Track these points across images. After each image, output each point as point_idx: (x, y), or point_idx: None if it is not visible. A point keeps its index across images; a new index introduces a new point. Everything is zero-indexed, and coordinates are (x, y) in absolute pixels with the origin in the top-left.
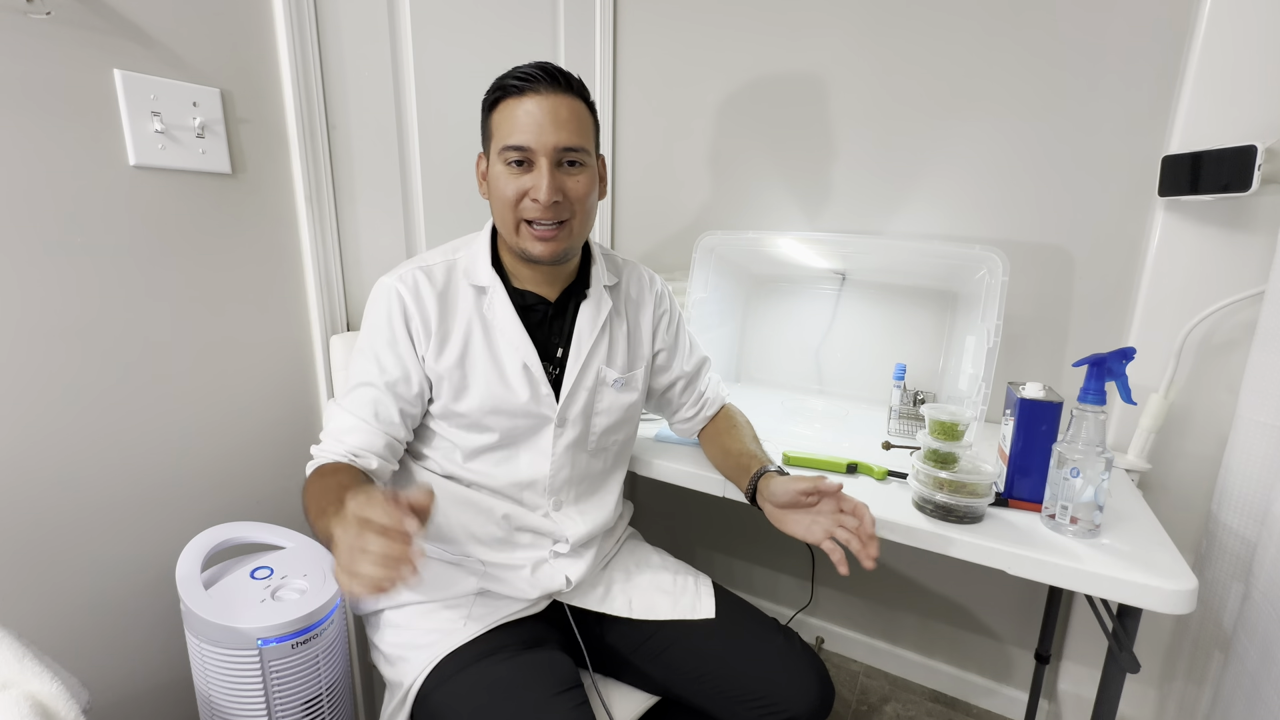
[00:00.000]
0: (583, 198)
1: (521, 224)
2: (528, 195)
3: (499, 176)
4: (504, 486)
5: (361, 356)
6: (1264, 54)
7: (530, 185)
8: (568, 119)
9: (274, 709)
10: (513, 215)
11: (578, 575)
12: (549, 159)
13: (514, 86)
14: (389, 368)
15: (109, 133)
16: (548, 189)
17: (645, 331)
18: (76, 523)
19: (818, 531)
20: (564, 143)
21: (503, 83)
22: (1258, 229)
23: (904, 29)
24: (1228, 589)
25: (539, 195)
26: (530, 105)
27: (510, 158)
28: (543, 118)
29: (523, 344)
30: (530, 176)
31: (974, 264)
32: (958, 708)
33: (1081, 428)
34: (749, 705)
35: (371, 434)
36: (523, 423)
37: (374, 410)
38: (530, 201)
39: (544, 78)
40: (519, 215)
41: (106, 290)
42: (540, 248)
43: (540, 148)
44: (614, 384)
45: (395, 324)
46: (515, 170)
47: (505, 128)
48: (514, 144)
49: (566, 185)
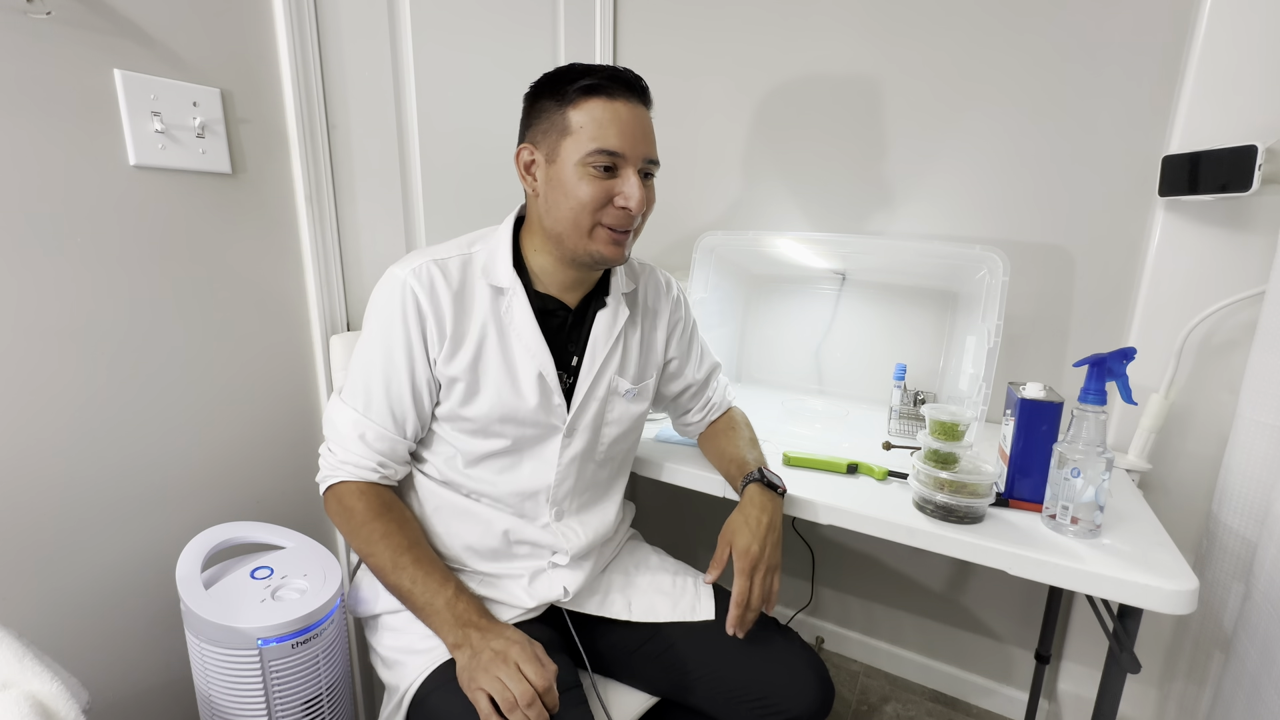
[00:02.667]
0: (651, 206)
1: (597, 228)
2: (613, 201)
3: (578, 177)
4: (505, 495)
5: (370, 352)
6: (1264, 54)
7: (618, 191)
8: (651, 131)
9: (274, 709)
10: (590, 218)
11: (575, 585)
12: (637, 169)
13: (602, 86)
14: (403, 370)
15: (109, 133)
16: (640, 199)
17: (660, 339)
18: (76, 523)
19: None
20: (652, 155)
21: (586, 82)
22: (1258, 229)
23: (904, 30)
24: (1228, 589)
25: (629, 203)
26: (624, 111)
27: (600, 162)
28: (635, 126)
29: (540, 351)
30: (617, 182)
31: (974, 264)
32: (958, 708)
33: (1082, 428)
34: (749, 705)
35: (394, 441)
36: (531, 431)
37: (391, 414)
38: (618, 208)
39: (633, 84)
40: (597, 219)
41: (106, 290)
42: (615, 251)
43: (635, 157)
44: (625, 394)
45: (410, 322)
46: (600, 174)
47: (595, 129)
48: (609, 148)
49: (646, 195)
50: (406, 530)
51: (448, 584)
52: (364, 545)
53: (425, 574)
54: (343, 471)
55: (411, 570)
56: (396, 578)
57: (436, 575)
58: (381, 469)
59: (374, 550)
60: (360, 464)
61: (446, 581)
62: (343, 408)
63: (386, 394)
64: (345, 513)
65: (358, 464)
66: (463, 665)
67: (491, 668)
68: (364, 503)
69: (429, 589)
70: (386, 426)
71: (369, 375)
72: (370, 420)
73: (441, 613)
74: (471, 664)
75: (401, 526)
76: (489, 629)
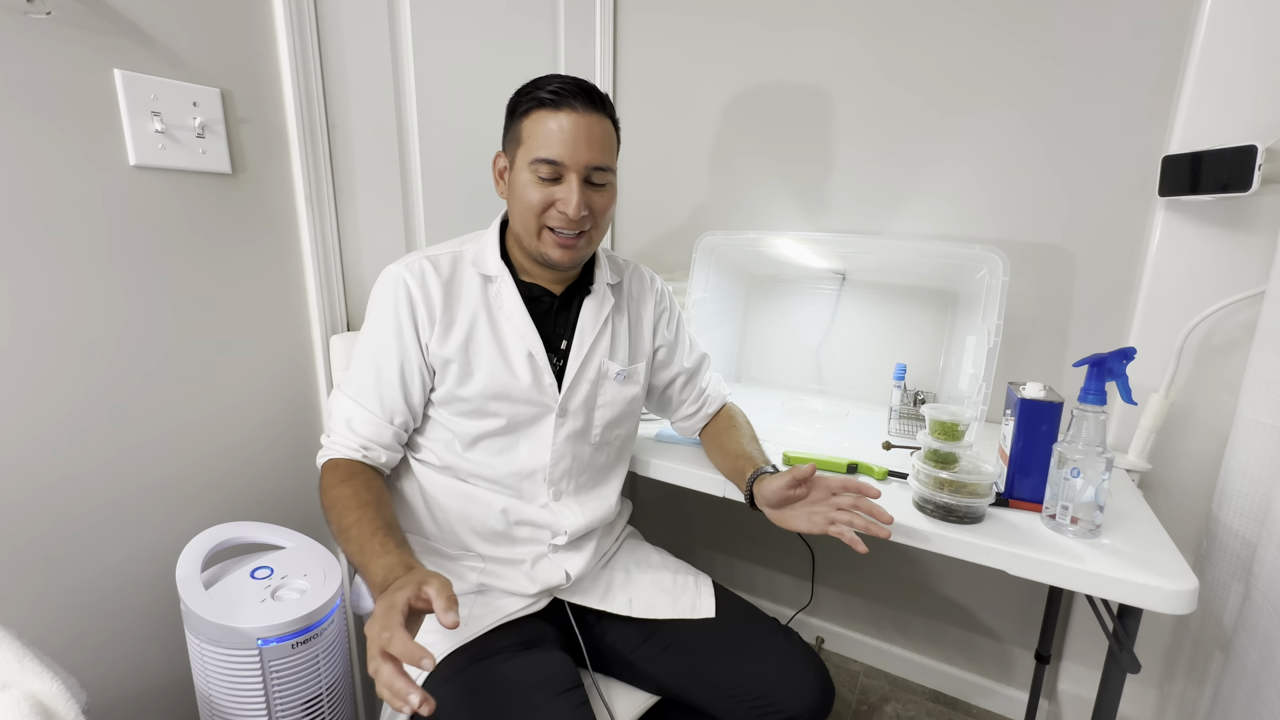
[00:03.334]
0: (604, 212)
1: (544, 230)
2: (554, 206)
3: (526, 183)
4: (503, 476)
5: (366, 344)
6: (1264, 54)
7: (558, 197)
8: (600, 139)
9: (274, 709)
10: (536, 221)
11: (577, 570)
12: (579, 175)
13: (549, 99)
14: (393, 356)
15: (109, 133)
16: (576, 204)
17: (646, 326)
18: (76, 523)
19: (820, 521)
20: (595, 161)
21: (538, 94)
22: (1258, 229)
23: (905, 29)
24: (1228, 589)
25: (567, 209)
26: (565, 121)
27: (541, 171)
28: (577, 135)
29: (528, 332)
30: (559, 189)
31: (974, 264)
32: (958, 708)
33: (1082, 428)
34: (749, 705)
35: (379, 425)
36: (525, 410)
37: (379, 400)
38: (557, 212)
39: (580, 95)
40: (542, 222)
41: (106, 290)
42: (561, 255)
43: (573, 164)
44: (616, 376)
45: (401, 312)
46: (544, 180)
47: (538, 139)
48: (546, 157)
49: (592, 200)
50: (365, 494)
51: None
52: (328, 514)
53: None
54: (330, 453)
55: (354, 530)
56: (343, 540)
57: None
58: (364, 450)
59: (331, 517)
60: (346, 444)
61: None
62: (339, 396)
63: (376, 380)
64: (321, 489)
65: (343, 446)
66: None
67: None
68: (333, 472)
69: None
70: (373, 411)
71: (362, 364)
72: (359, 406)
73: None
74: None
75: (360, 491)
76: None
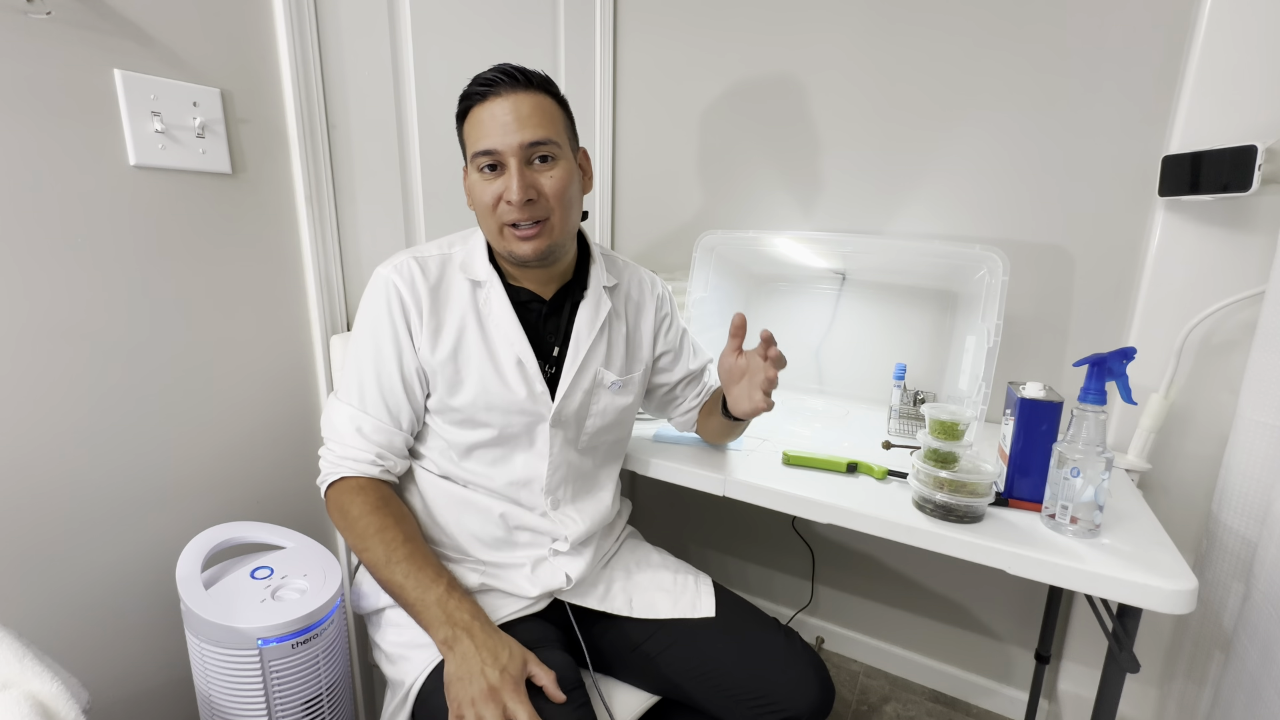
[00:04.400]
0: (559, 192)
1: (504, 228)
2: (503, 198)
3: (475, 184)
4: (500, 487)
5: (363, 350)
6: (1264, 54)
7: (504, 188)
8: (530, 114)
9: (274, 709)
10: (494, 221)
11: (578, 573)
12: (518, 158)
13: (477, 94)
14: (392, 359)
15: (109, 133)
16: (518, 188)
17: (646, 334)
18: (77, 523)
19: (758, 397)
20: (529, 138)
21: (466, 92)
22: (1258, 229)
23: (905, 29)
24: (1228, 589)
25: (511, 196)
26: (494, 108)
27: (482, 163)
28: (506, 118)
29: (518, 339)
30: (503, 180)
31: (974, 264)
32: (958, 708)
33: (1082, 427)
34: (749, 705)
35: (389, 432)
36: (517, 420)
37: (384, 405)
38: (505, 204)
39: (503, 79)
40: (499, 220)
41: (106, 290)
42: (524, 247)
43: (507, 148)
44: (611, 386)
45: (394, 313)
46: (489, 175)
47: (474, 135)
48: (482, 149)
49: (539, 182)
50: (402, 526)
51: (440, 580)
52: (359, 541)
53: (418, 569)
54: (343, 467)
55: (404, 565)
56: (389, 573)
57: (429, 571)
58: (380, 461)
59: (368, 545)
60: (359, 457)
61: (439, 578)
62: (338, 404)
63: (379, 386)
64: (342, 510)
65: (356, 458)
66: (452, 673)
67: (480, 703)
68: (361, 498)
69: (420, 584)
70: (382, 419)
71: (361, 369)
72: (366, 414)
73: (432, 609)
74: (462, 679)
75: (397, 522)
76: (481, 636)
